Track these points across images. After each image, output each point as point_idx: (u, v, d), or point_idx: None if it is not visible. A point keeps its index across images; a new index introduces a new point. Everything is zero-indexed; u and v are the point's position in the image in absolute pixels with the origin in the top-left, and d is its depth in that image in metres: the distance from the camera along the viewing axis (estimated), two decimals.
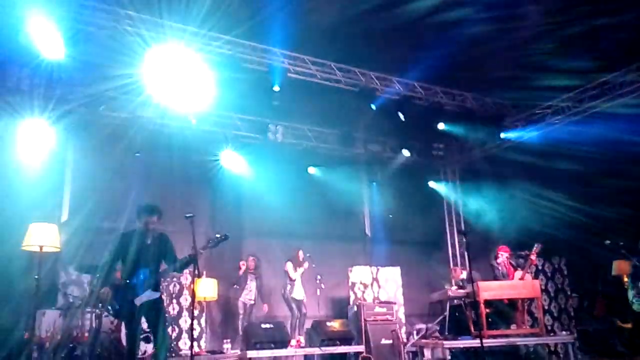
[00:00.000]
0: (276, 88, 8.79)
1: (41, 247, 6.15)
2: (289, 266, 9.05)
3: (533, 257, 8.26)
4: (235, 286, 9.11)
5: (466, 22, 9.82)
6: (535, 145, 10.35)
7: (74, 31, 7.61)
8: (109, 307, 5.52)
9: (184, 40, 8.14)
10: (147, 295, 4.99)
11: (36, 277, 5.84)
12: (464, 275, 9.82)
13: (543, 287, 9.68)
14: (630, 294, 7.51)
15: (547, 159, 9.78)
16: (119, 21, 7.67)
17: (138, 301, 4.93)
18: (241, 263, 9.11)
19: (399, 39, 9.89)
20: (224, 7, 9.41)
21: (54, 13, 7.20)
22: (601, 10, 8.12)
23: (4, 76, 7.74)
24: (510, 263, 8.56)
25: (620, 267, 8.47)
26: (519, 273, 8.36)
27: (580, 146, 9.34)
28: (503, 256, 8.53)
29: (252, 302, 8.87)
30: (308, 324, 8.92)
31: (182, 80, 8.17)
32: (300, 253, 9.18)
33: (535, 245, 8.27)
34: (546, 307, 9.78)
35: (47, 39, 7.22)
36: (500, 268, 8.45)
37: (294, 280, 9.01)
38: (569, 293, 10.22)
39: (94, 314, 6.70)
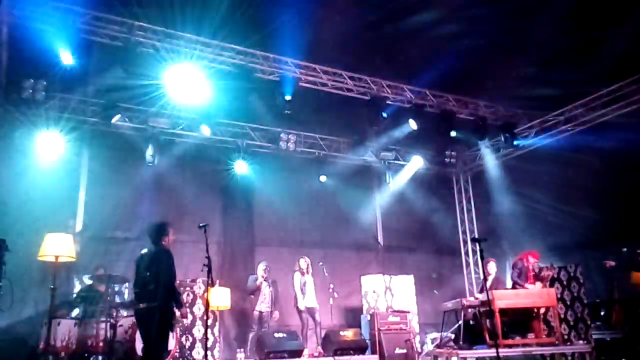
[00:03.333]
0: (288, 97, 8.82)
1: (57, 257, 6.18)
2: (296, 276, 9.00)
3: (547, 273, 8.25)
4: (251, 295, 9.05)
5: (477, 31, 9.83)
6: (548, 152, 10.28)
7: (87, 42, 7.72)
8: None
9: (197, 51, 8.22)
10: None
11: (52, 287, 5.87)
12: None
13: (559, 296, 9.54)
14: None
15: (560, 166, 9.70)
16: (132, 32, 7.75)
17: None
18: (260, 274, 9.05)
19: (410, 47, 9.91)
20: (235, 18, 9.50)
21: (68, 25, 7.30)
22: (613, 18, 8.11)
23: (20, 88, 7.83)
24: (534, 270, 8.49)
25: (638, 278, 8.35)
26: (539, 285, 8.29)
27: (593, 154, 9.28)
28: (531, 261, 8.45)
29: (269, 309, 8.80)
30: (321, 334, 8.85)
31: (194, 90, 8.23)
32: (301, 261, 9.10)
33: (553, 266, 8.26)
34: (562, 316, 9.64)
35: (61, 51, 7.32)
36: (521, 270, 8.40)
37: (304, 289, 8.93)
38: (585, 301, 10.07)
39: (108, 324, 6.71)
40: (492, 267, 8.87)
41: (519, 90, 10.15)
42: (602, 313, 9.74)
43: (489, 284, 8.64)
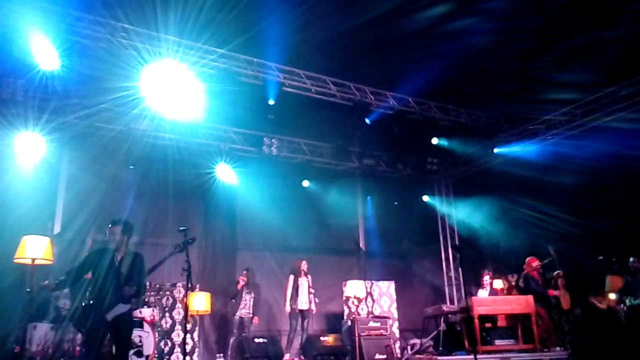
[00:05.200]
0: (271, 102, 8.84)
1: (33, 260, 6.08)
2: (291, 278, 8.94)
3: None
4: (232, 300, 9.00)
5: (460, 37, 9.95)
6: (529, 160, 10.43)
7: (69, 43, 7.65)
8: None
9: (179, 54, 8.18)
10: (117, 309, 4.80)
11: (28, 290, 5.77)
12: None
13: None
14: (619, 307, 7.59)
15: (540, 173, 9.84)
16: (114, 34, 7.71)
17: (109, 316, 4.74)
18: (240, 278, 8.98)
19: (393, 55, 10.00)
20: (219, 21, 9.48)
21: (49, 25, 7.23)
22: (596, 25, 8.25)
23: None
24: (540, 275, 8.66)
25: (614, 282, 8.49)
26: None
27: (574, 161, 9.43)
28: (533, 265, 8.58)
29: (250, 315, 8.74)
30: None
31: (177, 93, 8.19)
32: (303, 264, 9.04)
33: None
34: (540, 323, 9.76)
35: (42, 51, 7.24)
36: (535, 279, 8.52)
37: (297, 291, 8.87)
38: (562, 308, 10.20)
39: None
40: (486, 279, 8.99)
41: (501, 98, 10.29)
42: (580, 319, 9.84)
43: (482, 294, 8.75)
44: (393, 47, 9.96)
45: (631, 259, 7.72)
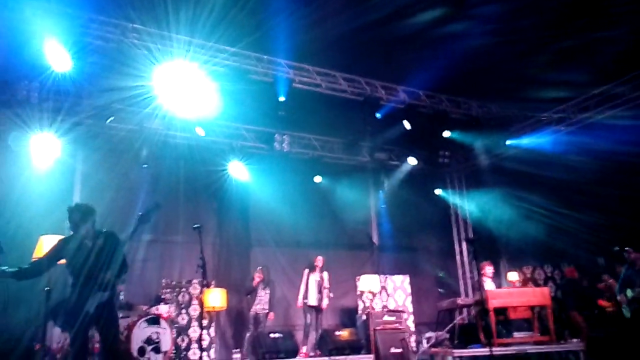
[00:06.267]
0: (282, 98, 8.85)
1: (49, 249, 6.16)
2: (304, 272, 9.02)
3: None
4: (248, 296, 9.06)
5: (470, 32, 9.89)
6: (542, 151, 10.34)
7: (81, 44, 7.72)
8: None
9: (190, 53, 8.23)
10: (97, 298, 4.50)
11: (47, 288, 5.86)
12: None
13: (553, 295, 9.61)
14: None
15: (554, 166, 9.76)
16: (126, 34, 7.77)
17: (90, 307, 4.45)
18: (255, 274, 9.04)
19: (404, 49, 9.96)
20: (229, 20, 9.52)
21: (62, 27, 7.30)
22: (606, 20, 8.18)
23: (14, 89, 7.82)
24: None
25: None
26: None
27: (586, 154, 9.34)
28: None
29: (265, 311, 8.79)
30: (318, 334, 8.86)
31: (188, 91, 8.24)
32: (318, 260, 9.11)
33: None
34: (556, 315, 9.72)
35: (55, 53, 7.32)
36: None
37: (308, 286, 8.93)
38: None
39: None
40: (488, 270, 8.94)
41: (512, 90, 10.22)
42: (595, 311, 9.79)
43: (489, 286, 8.71)
44: (403, 42, 9.94)
45: (627, 249, 7.61)
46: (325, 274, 9.07)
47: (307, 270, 9.01)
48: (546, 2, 8.60)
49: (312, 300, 8.84)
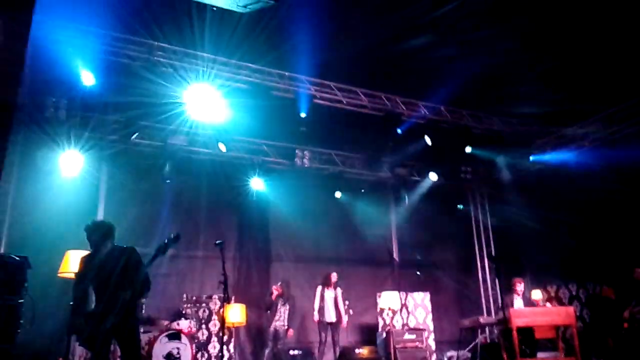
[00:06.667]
0: (303, 114, 8.91)
1: (76, 273, 6.27)
2: (318, 289, 9.01)
3: None
4: (267, 312, 9.05)
5: (491, 47, 9.86)
6: (566, 167, 10.19)
7: (107, 62, 7.91)
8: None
9: (214, 70, 8.36)
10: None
11: (71, 303, 5.94)
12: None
13: (578, 314, 9.41)
14: None
15: (579, 183, 9.60)
16: (151, 52, 7.93)
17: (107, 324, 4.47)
18: (274, 288, 9.05)
19: (424, 64, 9.96)
20: (252, 37, 9.64)
21: (88, 45, 7.50)
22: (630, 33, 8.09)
23: (43, 107, 8.02)
24: None
25: None
26: None
27: (609, 170, 9.18)
28: None
29: (285, 327, 8.76)
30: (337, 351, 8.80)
31: (211, 108, 8.36)
32: (333, 275, 9.09)
33: None
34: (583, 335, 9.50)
35: (82, 71, 7.51)
36: None
37: (324, 303, 8.89)
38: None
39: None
40: (519, 286, 8.75)
41: (535, 105, 10.12)
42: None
43: (518, 303, 8.51)
44: (423, 57, 9.94)
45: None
46: (339, 290, 9.02)
47: (320, 287, 8.99)
48: (568, 17, 8.53)
49: (330, 317, 8.80)
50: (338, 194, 10.92)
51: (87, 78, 7.56)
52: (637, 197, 8.85)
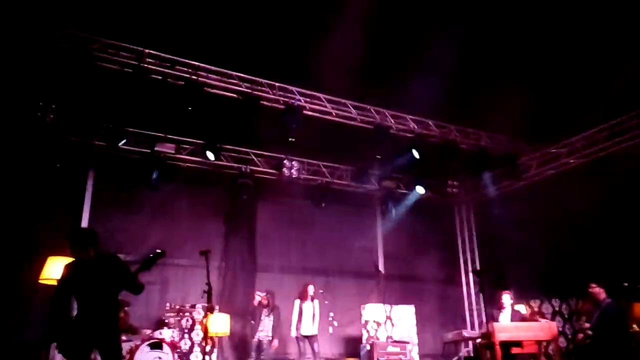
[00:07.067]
0: (292, 125, 8.92)
1: (58, 281, 6.19)
2: (295, 302, 8.95)
3: None
4: (252, 322, 8.97)
5: (479, 61, 10.00)
6: (551, 184, 10.33)
7: (97, 69, 7.89)
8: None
9: (203, 78, 8.37)
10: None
11: (52, 310, 5.86)
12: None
13: (560, 329, 9.47)
14: None
15: (563, 198, 9.72)
16: (141, 59, 7.93)
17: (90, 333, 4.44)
18: (256, 294, 9.00)
19: (413, 77, 10.06)
20: (242, 46, 9.68)
21: (78, 50, 7.48)
22: (617, 52, 8.25)
23: (30, 111, 7.93)
24: None
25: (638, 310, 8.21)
26: None
27: (593, 187, 9.30)
28: None
29: (269, 338, 8.70)
30: None
31: (199, 115, 8.36)
32: (309, 288, 9.03)
33: None
34: (563, 350, 9.56)
35: (71, 76, 7.48)
36: None
37: (301, 316, 8.84)
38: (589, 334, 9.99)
39: None
40: (506, 299, 8.72)
41: (521, 121, 10.25)
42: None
43: (504, 317, 8.51)
44: (412, 70, 10.06)
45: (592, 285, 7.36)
46: (317, 302, 8.97)
47: (298, 301, 8.93)
48: (558, 35, 8.69)
49: (306, 330, 8.74)
50: (325, 205, 10.91)
51: (77, 83, 7.51)
52: (620, 214, 8.98)
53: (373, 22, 8.76)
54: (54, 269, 6.21)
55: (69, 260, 6.03)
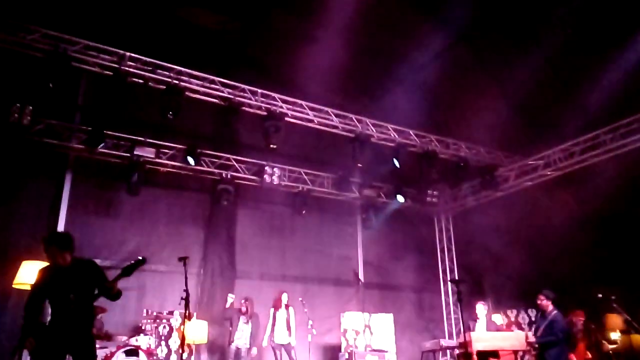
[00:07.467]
0: (274, 131, 8.92)
1: (32, 285, 6.06)
2: (271, 312, 8.89)
3: None
4: (230, 328, 8.88)
5: (459, 73, 10.16)
6: (529, 195, 10.49)
7: (77, 71, 7.82)
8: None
9: (185, 83, 8.33)
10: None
11: (25, 316, 5.74)
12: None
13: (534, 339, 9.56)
14: None
15: (540, 210, 9.88)
16: (122, 63, 7.87)
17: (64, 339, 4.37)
18: (228, 296, 8.92)
19: (395, 87, 10.19)
20: (225, 52, 9.69)
21: (58, 52, 7.38)
22: (593, 67, 8.45)
23: (6, 112, 7.76)
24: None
25: (613, 321, 8.33)
26: None
27: (570, 198, 9.47)
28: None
29: (247, 345, 8.60)
30: None
31: (181, 121, 8.30)
32: (283, 296, 8.97)
33: None
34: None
35: (49, 77, 7.36)
36: None
37: (274, 324, 8.76)
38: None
39: None
40: (480, 309, 8.79)
41: (500, 134, 10.43)
42: None
43: (480, 327, 8.57)
44: (394, 80, 10.18)
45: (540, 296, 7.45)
46: (292, 310, 8.93)
47: (272, 310, 8.88)
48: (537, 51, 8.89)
49: (280, 339, 8.68)
50: (305, 213, 10.90)
51: (55, 85, 7.38)
52: (598, 225, 9.14)
53: (357, 32, 8.88)
54: (28, 273, 6.09)
55: (44, 264, 5.95)
